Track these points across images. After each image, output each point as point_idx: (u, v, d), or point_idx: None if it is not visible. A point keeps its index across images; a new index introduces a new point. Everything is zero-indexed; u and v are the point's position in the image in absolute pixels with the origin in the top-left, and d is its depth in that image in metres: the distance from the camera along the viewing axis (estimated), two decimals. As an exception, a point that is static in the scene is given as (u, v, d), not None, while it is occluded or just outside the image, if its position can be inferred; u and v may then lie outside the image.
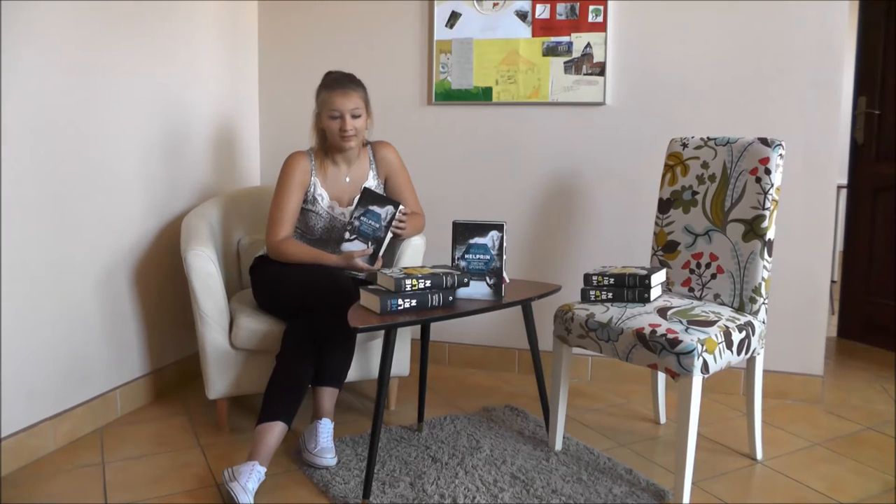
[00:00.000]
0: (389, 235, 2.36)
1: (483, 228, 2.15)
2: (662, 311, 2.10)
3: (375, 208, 2.36)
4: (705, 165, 2.35)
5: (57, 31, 2.26)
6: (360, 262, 2.34)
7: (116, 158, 2.54)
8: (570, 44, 2.93)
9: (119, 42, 2.51)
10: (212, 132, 3.06)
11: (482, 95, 3.06)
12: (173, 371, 2.89)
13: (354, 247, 2.36)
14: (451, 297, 2.08)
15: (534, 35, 2.97)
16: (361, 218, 2.36)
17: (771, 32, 2.73)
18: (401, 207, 2.36)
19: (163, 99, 2.76)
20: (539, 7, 2.94)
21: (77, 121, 2.36)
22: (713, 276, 2.29)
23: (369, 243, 2.35)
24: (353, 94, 2.42)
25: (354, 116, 2.42)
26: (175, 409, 2.69)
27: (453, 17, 3.06)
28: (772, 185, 2.20)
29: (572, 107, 2.97)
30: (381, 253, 2.36)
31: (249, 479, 1.98)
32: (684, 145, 2.43)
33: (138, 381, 2.70)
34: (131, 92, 2.59)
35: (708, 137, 2.39)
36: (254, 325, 2.40)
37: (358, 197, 2.41)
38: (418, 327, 2.65)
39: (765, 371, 2.63)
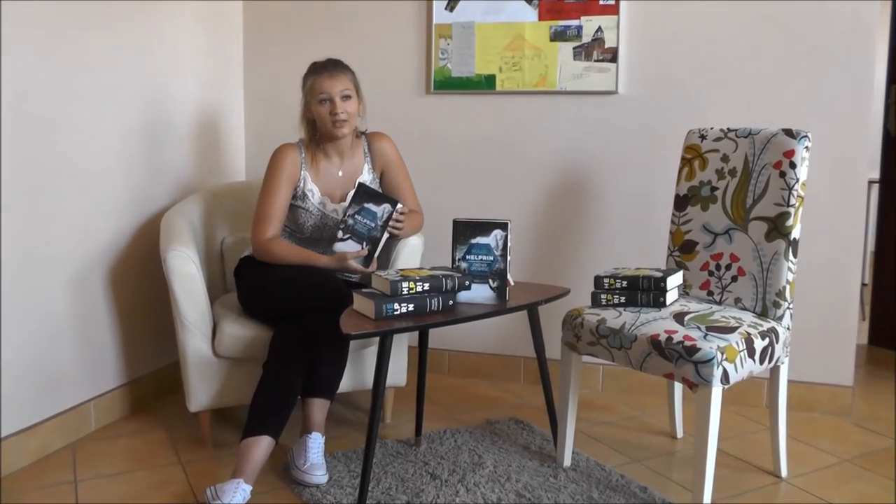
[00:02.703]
0: (386, 235, 2.35)
1: (486, 227, 2.15)
2: (679, 317, 2.10)
3: (371, 206, 2.35)
4: (725, 159, 2.35)
5: (29, 19, 2.24)
6: (354, 264, 2.33)
7: (92, 152, 2.54)
8: (579, 28, 2.92)
9: (95, 29, 2.51)
10: (194, 124, 3.06)
11: (485, 83, 3.05)
12: (152, 382, 2.89)
13: (348, 247, 2.35)
14: (451, 302, 2.09)
15: (540, 18, 2.96)
16: (356, 216, 2.35)
17: (797, 15, 2.72)
18: (399, 206, 2.35)
19: (142, 89, 2.76)
20: (546, -12, 2.95)
21: (50, 112, 2.35)
22: (734, 279, 2.29)
23: (364, 244, 2.34)
24: (342, 76, 2.42)
25: (345, 98, 2.41)
26: (153, 423, 2.69)
27: None
28: (797, 180, 2.19)
29: (582, 96, 2.97)
30: (376, 254, 2.35)
31: (234, 497, 1.99)
32: (703, 137, 2.42)
33: (114, 392, 2.70)
34: (108, 82, 2.59)
35: (728, 128, 2.38)
36: (239, 332, 2.39)
37: (352, 193, 2.40)
38: (416, 334, 2.64)
39: (790, 381, 2.61)
